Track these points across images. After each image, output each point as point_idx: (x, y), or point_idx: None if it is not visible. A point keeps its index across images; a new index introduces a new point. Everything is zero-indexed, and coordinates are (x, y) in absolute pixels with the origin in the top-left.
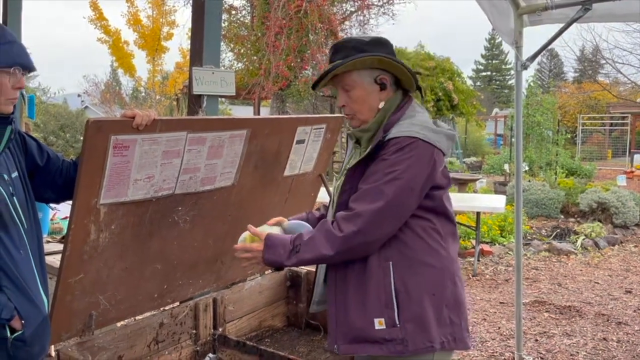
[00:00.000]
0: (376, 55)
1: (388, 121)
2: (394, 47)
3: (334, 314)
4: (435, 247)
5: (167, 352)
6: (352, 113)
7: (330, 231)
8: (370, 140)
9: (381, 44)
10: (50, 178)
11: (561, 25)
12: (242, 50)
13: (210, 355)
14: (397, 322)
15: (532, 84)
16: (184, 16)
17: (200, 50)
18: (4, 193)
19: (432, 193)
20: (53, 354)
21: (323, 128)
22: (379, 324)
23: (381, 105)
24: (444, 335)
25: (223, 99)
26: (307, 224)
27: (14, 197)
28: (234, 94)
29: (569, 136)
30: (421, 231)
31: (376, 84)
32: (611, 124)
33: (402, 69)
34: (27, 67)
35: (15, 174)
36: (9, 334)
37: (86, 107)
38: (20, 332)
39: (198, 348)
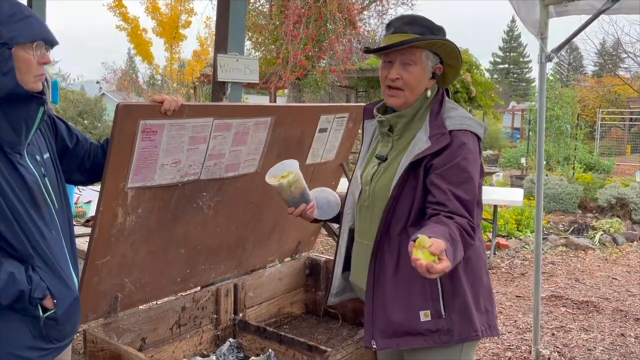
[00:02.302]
0: (452, 44)
1: (429, 110)
2: None
3: (371, 310)
4: None
5: (188, 336)
6: (403, 88)
7: (467, 240)
8: (407, 125)
9: (445, 33)
10: (79, 160)
11: (587, 16)
12: (260, 39)
13: (231, 340)
14: (443, 313)
15: (551, 77)
16: (202, 4)
17: (225, 38)
18: (37, 174)
19: None
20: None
21: (345, 117)
22: (425, 315)
23: (429, 93)
24: (482, 323)
25: None
26: (328, 190)
27: (46, 178)
28: (257, 82)
29: (588, 131)
30: None
31: (430, 72)
32: (631, 119)
33: (459, 66)
34: (50, 41)
35: (46, 155)
36: (41, 313)
37: (103, 94)
38: (52, 311)
39: (219, 332)
